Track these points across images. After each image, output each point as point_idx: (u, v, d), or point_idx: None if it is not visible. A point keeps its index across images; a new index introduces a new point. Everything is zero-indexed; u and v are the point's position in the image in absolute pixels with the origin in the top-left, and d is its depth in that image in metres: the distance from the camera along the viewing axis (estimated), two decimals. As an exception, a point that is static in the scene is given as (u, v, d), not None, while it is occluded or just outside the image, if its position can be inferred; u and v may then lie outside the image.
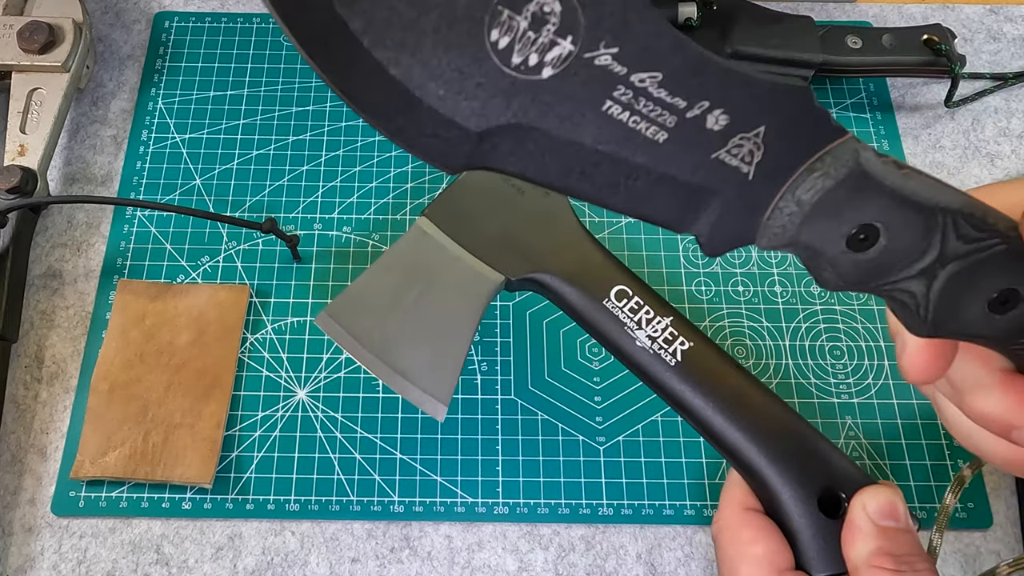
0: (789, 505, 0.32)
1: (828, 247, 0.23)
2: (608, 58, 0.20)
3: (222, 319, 0.47)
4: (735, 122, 0.22)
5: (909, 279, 0.23)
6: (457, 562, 0.43)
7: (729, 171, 0.22)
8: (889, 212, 0.22)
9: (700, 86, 0.21)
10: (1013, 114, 0.55)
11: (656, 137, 0.22)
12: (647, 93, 0.21)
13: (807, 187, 0.23)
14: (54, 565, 0.42)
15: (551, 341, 0.47)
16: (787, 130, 0.22)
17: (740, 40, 0.52)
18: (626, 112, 0.21)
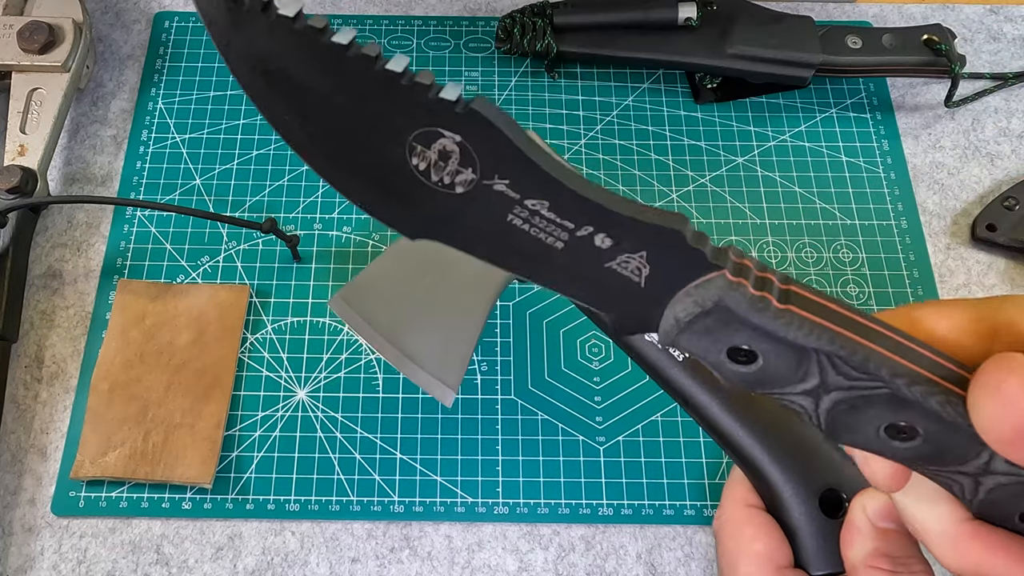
0: (790, 503, 0.32)
1: (710, 356, 0.26)
2: (503, 186, 0.25)
3: (222, 319, 0.47)
4: (618, 244, 0.25)
5: (795, 395, 0.25)
6: (457, 562, 0.43)
7: (622, 279, 0.26)
8: (756, 342, 0.25)
9: (583, 215, 0.25)
10: (1013, 114, 0.55)
11: (555, 245, 0.26)
12: (540, 214, 0.25)
13: (682, 308, 0.26)
14: (54, 565, 0.42)
15: (551, 341, 0.47)
16: (666, 259, 0.25)
17: (740, 40, 0.52)
18: (526, 224, 0.25)
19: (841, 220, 0.51)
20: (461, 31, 0.57)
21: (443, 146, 0.25)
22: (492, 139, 0.25)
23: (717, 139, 0.54)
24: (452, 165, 0.25)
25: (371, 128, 0.25)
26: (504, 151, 0.25)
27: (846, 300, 0.26)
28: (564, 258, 0.26)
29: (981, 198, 0.53)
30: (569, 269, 0.26)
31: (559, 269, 0.26)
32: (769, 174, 0.53)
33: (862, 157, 0.54)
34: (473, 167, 0.25)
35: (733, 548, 0.32)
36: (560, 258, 0.26)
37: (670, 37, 0.53)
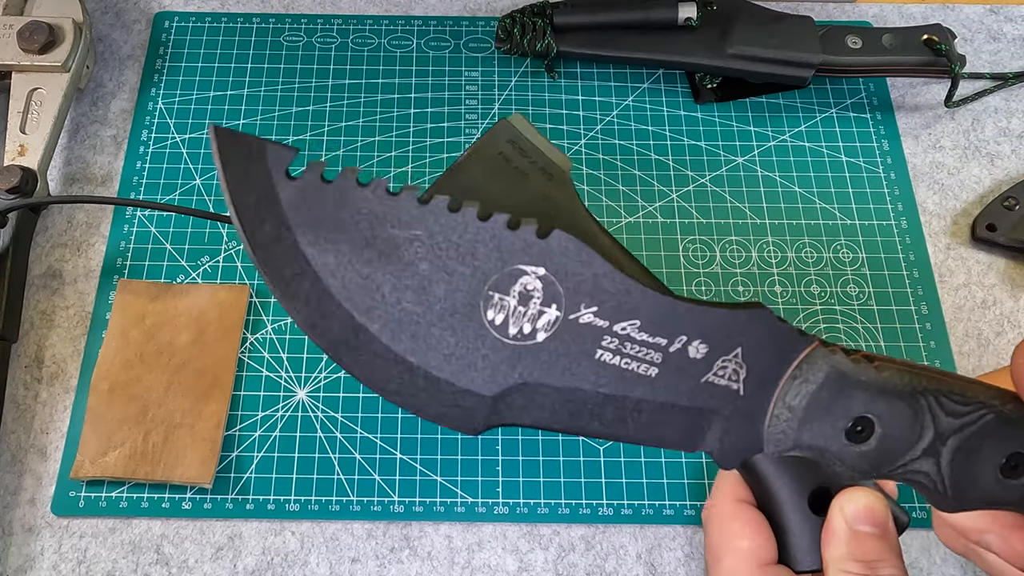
0: (780, 500, 0.32)
1: (830, 444, 0.25)
2: (590, 315, 0.24)
3: (222, 319, 0.47)
4: (714, 349, 0.25)
5: (916, 460, 0.25)
6: (457, 562, 0.43)
7: (721, 390, 0.25)
8: (873, 403, 0.25)
9: (674, 325, 0.24)
10: (1013, 114, 0.55)
11: (648, 373, 0.25)
12: (631, 338, 0.25)
13: (794, 393, 0.25)
14: (54, 565, 0.42)
15: (551, 341, 0.47)
16: (761, 347, 0.25)
17: (740, 40, 0.52)
18: (616, 356, 0.25)
19: (841, 220, 0.51)
20: (461, 31, 0.57)
21: (524, 286, 0.24)
22: (578, 262, 0.24)
23: (717, 139, 0.54)
24: (534, 307, 0.24)
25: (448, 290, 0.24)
26: (589, 274, 0.24)
27: None
28: (659, 387, 0.25)
29: (981, 198, 0.53)
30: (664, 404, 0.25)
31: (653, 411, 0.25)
32: (769, 174, 0.53)
33: (862, 157, 0.54)
34: (557, 302, 0.24)
35: (718, 542, 0.33)
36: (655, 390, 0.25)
37: (670, 37, 0.53)
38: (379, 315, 0.24)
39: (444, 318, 0.24)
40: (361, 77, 0.55)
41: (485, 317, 0.24)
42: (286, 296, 0.25)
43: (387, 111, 0.54)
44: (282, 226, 0.25)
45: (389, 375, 0.25)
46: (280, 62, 0.56)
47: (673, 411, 0.25)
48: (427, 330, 0.24)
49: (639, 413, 0.25)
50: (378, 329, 0.24)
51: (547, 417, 0.25)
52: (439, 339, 0.24)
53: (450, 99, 0.55)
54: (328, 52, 0.56)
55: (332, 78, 0.55)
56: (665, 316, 0.25)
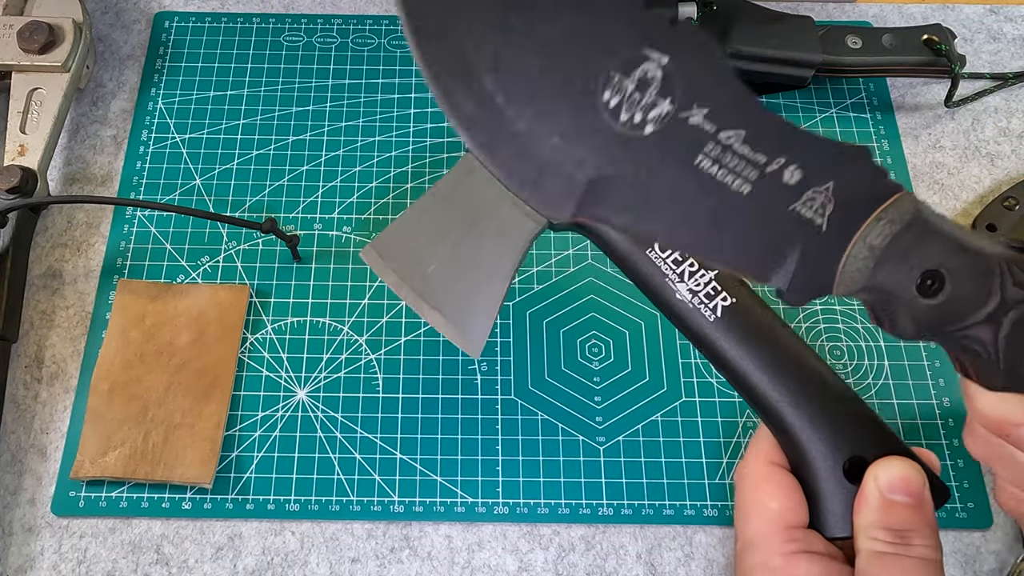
0: (815, 467, 0.32)
1: (901, 291, 0.25)
2: (700, 118, 0.24)
3: (222, 319, 0.47)
4: (808, 176, 0.25)
5: (977, 325, 0.25)
6: (457, 562, 0.43)
7: (805, 223, 0.25)
8: (950, 257, 0.25)
9: (778, 144, 0.24)
10: (1013, 114, 0.55)
11: (740, 189, 0.25)
12: (732, 149, 0.24)
13: (877, 233, 0.25)
14: (54, 565, 0.42)
15: (551, 341, 0.47)
16: (854, 184, 0.25)
17: (740, 40, 0.52)
18: (715, 166, 0.24)
19: (841, 220, 0.51)
20: (461, 31, 0.57)
21: (646, 72, 0.24)
22: (702, 59, 0.24)
23: (717, 139, 0.54)
24: (650, 96, 0.24)
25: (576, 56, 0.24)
26: (711, 73, 0.24)
27: None
28: (748, 207, 0.25)
29: (981, 198, 0.53)
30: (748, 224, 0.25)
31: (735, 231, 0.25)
32: (769, 174, 0.53)
33: (862, 157, 0.53)
34: (672, 96, 0.24)
35: (749, 503, 0.33)
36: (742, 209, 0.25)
37: (670, 37, 0.53)
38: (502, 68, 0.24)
39: (562, 88, 0.24)
40: (361, 77, 0.55)
41: (602, 97, 0.24)
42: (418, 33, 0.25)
43: (387, 111, 0.54)
44: None
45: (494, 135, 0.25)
46: (280, 62, 0.56)
47: (754, 235, 0.25)
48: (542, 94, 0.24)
49: (720, 229, 0.25)
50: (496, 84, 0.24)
51: (631, 217, 0.25)
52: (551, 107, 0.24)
53: (450, 99, 0.55)
54: (328, 52, 0.56)
55: (332, 78, 0.55)
56: (771, 133, 0.24)
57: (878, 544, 0.30)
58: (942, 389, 0.47)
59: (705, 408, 0.46)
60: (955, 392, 0.47)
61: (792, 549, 0.31)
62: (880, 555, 0.30)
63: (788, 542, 0.31)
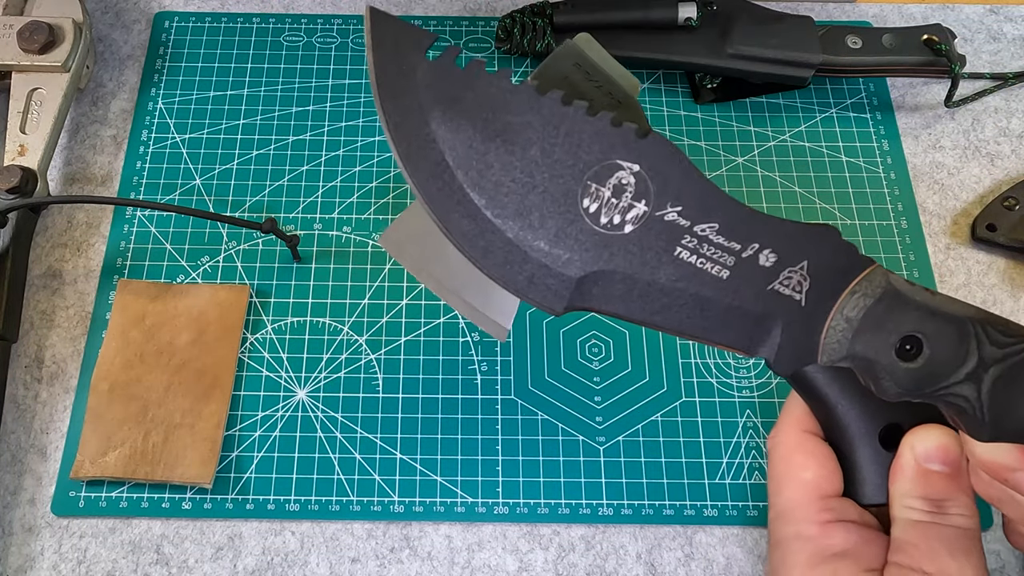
0: (851, 434, 0.32)
1: (880, 357, 0.27)
2: (674, 214, 0.27)
3: (222, 319, 0.47)
4: (782, 258, 0.27)
5: (959, 384, 0.26)
6: (457, 562, 0.43)
7: (784, 299, 0.27)
8: (924, 323, 0.26)
9: (750, 232, 0.27)
10: (1013, 114, 0.55)
11: (720, 274, 0.27)
12: (708, 240, 0.27)
13: (852, 306, 0.27)
14: (54, 565, 0.42)
15: (551, 341, 0.47)
16: (826, 262, 0.27)
17: (740, 40, 0.52)
18: (693, 256, 0.27)
19: (841, 220, 0.51)
20: (461, 31, 0.57)
21: (619, 179, 0.27)
22: (669, 164, 0.27)
23: (717, 139, 0.54)
24: (625, 200, 0.27)
25: (552, 175, 0.27)
26: (679, 176, 0.27)
27: None
28: (729, 288, 0.27)
29: (981, 198, 0.53)
30: (731, 305, 0.27)
31: (719, 311, 0.27)
32: (769, 174, 0.53)
33: (862, 157, 0.54)
34: (646, 198, 0.27)
35: (782, 471, 0.32)
36: (724, 291, 0.27)
37: (670, 37, 0.53)
38: (487, 190, 0.27)
39: (545, 200, 0.27)
40: (361, 77, 0.55)
41: (581, 204, 0.27)
42: (408, 162, 0.28)
43: (387, 111, 0.54)
44: (415, 100, 0.28)
45: (486, 247, 0.27)
46: (280, 62, 0.56)
47: (737, 314, 0.27)
48: (528, 209, 0.27)
49: (705, 312, 0.27)
50: (484, 203, 0.27)
51: (623, 306, 0.28)
52: (538, 219, 0.27)
53: (450, 99, 0.55)
54: (328, 52, 0.56)
55: (332, 78, 0.55)
56: (742, 223, 0.27)
57: (915, 513, 0.30)
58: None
59: (705, 408, 0.46)
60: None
61: (827, 518, 0.31)
62: (917, 524, 0.30)
63: (823, 511, 0.31)
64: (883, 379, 0.27)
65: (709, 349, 0.47)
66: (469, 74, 0.28)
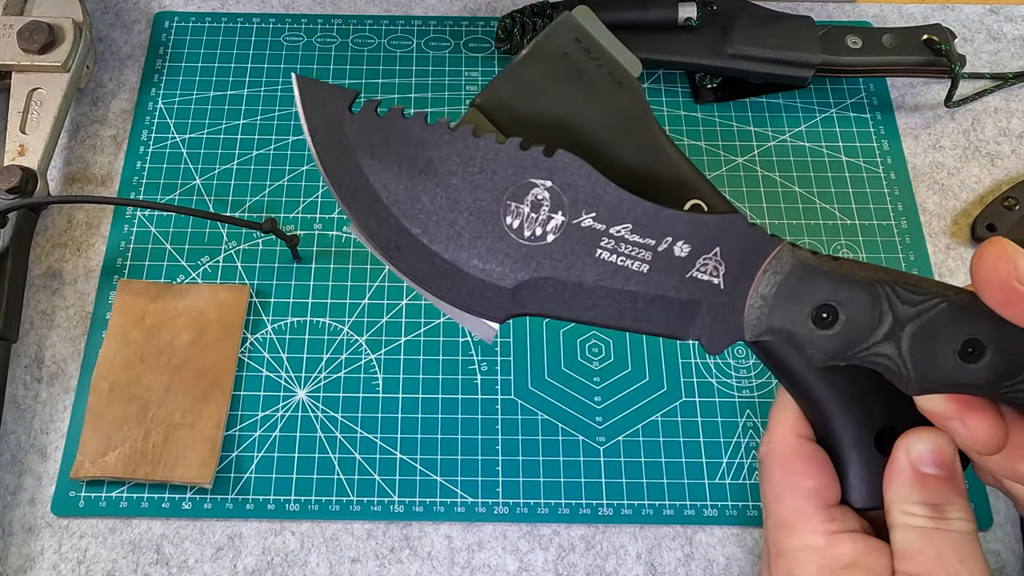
0: (845, 438, 0.32)
1: (798, 328, 0.29)
2: (590, 220, 0.29)
3: (222, 319, 0.47)
4: (695, 248, 0.29)
5: (879, 344, 0.28)
6: (457, 562, 0.43)
7: (704, 284, 0.29)
8: (835, 291, 0.28)
9: (661, 228, 0.29)
10: (1013, 114, 0.55)
11: (640, 269, 0.29)
12: (624, 239, 0.29)
13: (765, 283, 0.29)
14: (54, 565, 0.42)
15: (551, 341, 0.47)
16: (737, 247, 0.29)
17: (740, 40, 0.52)
18: (613, 255, 0.29)
19: (841, 220, 0.51)
20: (461, 31, 0.57)
21: (535, 195, 0.29)
22: (578, 176, 0.29)
23: (717, 139, 0.54)
24: (543, 213, 0.29)
25: (474, 199, 0.30)
26: (588, 185, 0.29)
27: None
28: (650, 280, 0.29)
29: (981, 198, 0.53)
30: (655, 296, 0.29)
31: (646, 302, 0.30)
32: (769, 174, 0.53)
33: (862, 157, 0.54)
34: (562, 209, 0.29)
35: (781, 480, 0.32)
36: (646, 284, 0.29)
37: (670, 37, 0.53)
38: (420, 220, 0.30)
39: (472, 223, 0.30)
40: (361, 77, 0.55)
41: (504, 222, 0.29)
42: (348, 204, 0.31)
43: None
44: (346, 149, 0.31)
45: (428, 271, 0.30)
46: (280, 62, 0.56)
47: (663, 302, 0.29)
48: (458, 232, 0.30)
49: (634, 304, 0.30)
50: (419, 232, 0.30)
51: (558, 308, 0.30)
52: (468, 240, 0.30)
53: (450, 99, 0.55)
54: (328, 52, 0.56)
55: (332, 78, 0.55)
56: (652, 220, 0.29)
57: (915, 519, 0.29)
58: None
59: (705, 408, 0.46)
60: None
61: (833, 528, 0.31)
62: (919, 530, 0.29)
63: (828, 521, 0.31)
64: (806, 348, 0.29)
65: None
66: (388, 120, 0.31)
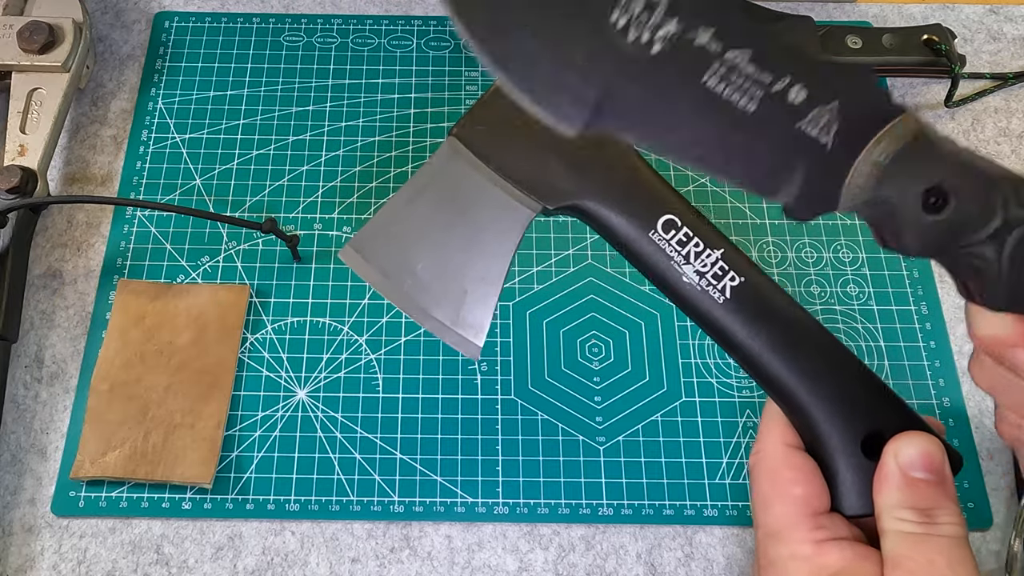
0: (832, 445, 0.31)
1: (905, 206, 0.26)
2: (707, 37, 0.25)
3: (222, 319, 0.47)
4: (813, 96, 0.26)
5: (981, 243, 0.26)
6: (457, 562, 0.43)
7: (810, 141, 0.26)
8: (953, 175, 0.26)
9: (783, 64, 0.25)
10: (1013, 114, 0.55)
11: (747, 107, 0.26)
12: (739, 68, 0.25)
13: (880, 151, 0.26)
14: (54, 565, 0.42)
15: (551, 341, 0.47)
16: (859, 104, 0.26)
17: (740, 40, 0.52)
18: (722, 84, 0.25)
19: (841, 220, 0.51)
20: (461, 31, 0.57)
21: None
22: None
23: (717, 139, 0.54)
24: (657, 16, 0.25)
25: None
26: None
27: None
28: (754, 125, 0.26)
29: (981, 198, 0.53)
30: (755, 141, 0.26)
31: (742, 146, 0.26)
32: (769, 174, 0.53)
33: (862, 157, 0.53)
34: (678, 16, 0.25)
35: (769, 489, 0.32)
36: (749, 127, 0.26)
37: (670, 37, 0.53)
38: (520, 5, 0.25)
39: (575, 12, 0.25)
40: (361, 77, 0.55)
41: (610, 18, 0.25)
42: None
43: (387, 111, 0.54)
44: None
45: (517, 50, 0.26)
46: (280, 62, 0.56)
47: (760, 151, 0.26)
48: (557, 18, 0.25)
49: (728, 145, 0.26)
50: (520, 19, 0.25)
51: (646, 130, 0.26)
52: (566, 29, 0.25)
53: (450, 99, 0.55)
54: (328, 52, 0.56)
55: (332, 78, 0.55)
56: (777, 53, 0.26)
57: (906, 525, 0.29)
58: (942, 389, 0.47)
59: (705, 408, 0.46)
60: (955, 392, 0.47)
61: (821, 537, 0.30)
62: (909, 536, 0.29)
63: (815, 529, 0.31)
64: (905, 231, 0.26)
65: (709, 350, 0.47)
66: None
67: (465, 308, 0.36)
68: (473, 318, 0.36)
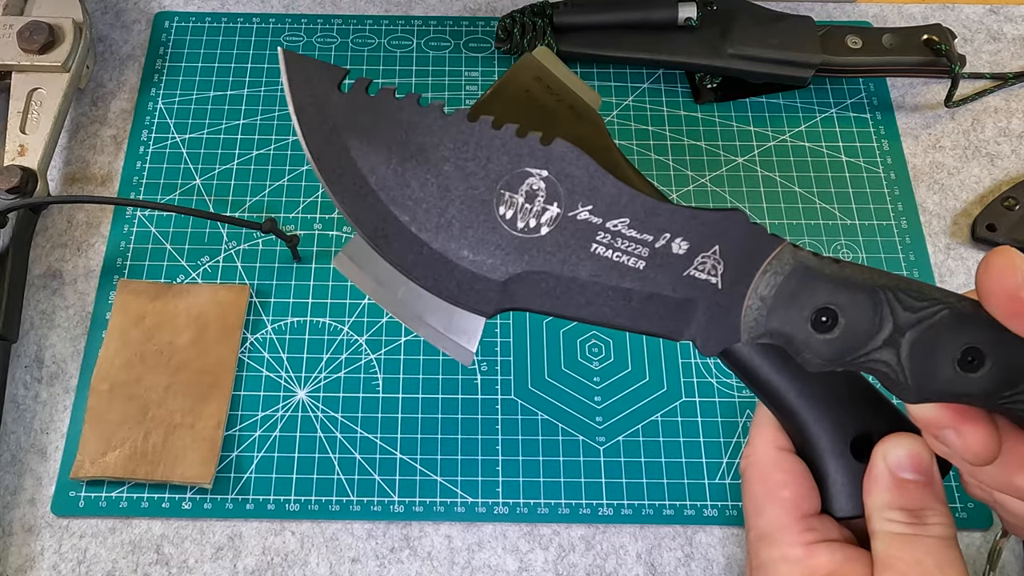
0: (822, 447, 0.32)
1: (797, 331, 0.28)
2: (586, 213, 0.28)
3: (222, 319, 0.47)
4: (694, 245, 0.28)
5: (878, 350, 0.27)
6: (457, 562, 0.43)
7: (701, 283, 0.29)
8: (835, 294, 0.27)
9: (660, 223, 0.28)
10: (1013, 114, 0.55)
11: (637, 265, 0.28)
12: (621, 234, 0.28)
13: (764, 284, 0.28)
14: (54, 565, 0.42)
15: (551, 341, 0.47)
16: (737, 246, 0.28)
17: (740, 40, 0.52)
18: (609, 250, 0.28)
19: (841, 220, 0.51)
20: (461, 31, 0.57)
21: (530, 185, 0.29)
22: (576, 166, 0.29)
23: (717, 139, 0.54)
24: (538, 204, 0.28)
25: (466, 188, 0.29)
26: (586, 177, 0.29)
27: None
28: (646, 278, 0.29)
29: (981, 198, 0.53)
30: (651, 293, 0.29)
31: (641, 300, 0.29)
32: (769, 174, 0.53)
33: (862, 157, 0.54)
34: (558, 201, 0.28)
35: (760, 492, 0.32)
36: (642, 281, 0.29)
37: (670, 37, 0.53)
38: (408, 207, 0.29)
39: (463, 212, 0.29)
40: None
41: (497, 212, 0.28)
42: (334, 187, 0.30)
43: (387, 111, 0.54)
44: (333, 130, 0.30)
45: (416, 260, 0.29)
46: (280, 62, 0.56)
47: (659, 301, 0.29)
48: (448, 221, 0.29)
49: (628, 302, 0.29)
50: (408, 219, 0.29)
51: (550, 303, 0.29)
52: (459, 230, 0.29)
53: (450, 99, 0.55)
54: (328, 52, 0.56)
55: (332, 78, 0.55)
56: (651, 215, 0.28)
57: (895, 525, 0.29)
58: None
59: (705, 408, 0.46)
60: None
61: (811, 539, 0.31)
62: (899, 537, 0.29)
63: (805, 532, 0.31)
64: (803, 352, 0.28)
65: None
66: (379, 101, 0.30)
67: (458, 314, 0.36)
68: (466, 324, 0.37)
